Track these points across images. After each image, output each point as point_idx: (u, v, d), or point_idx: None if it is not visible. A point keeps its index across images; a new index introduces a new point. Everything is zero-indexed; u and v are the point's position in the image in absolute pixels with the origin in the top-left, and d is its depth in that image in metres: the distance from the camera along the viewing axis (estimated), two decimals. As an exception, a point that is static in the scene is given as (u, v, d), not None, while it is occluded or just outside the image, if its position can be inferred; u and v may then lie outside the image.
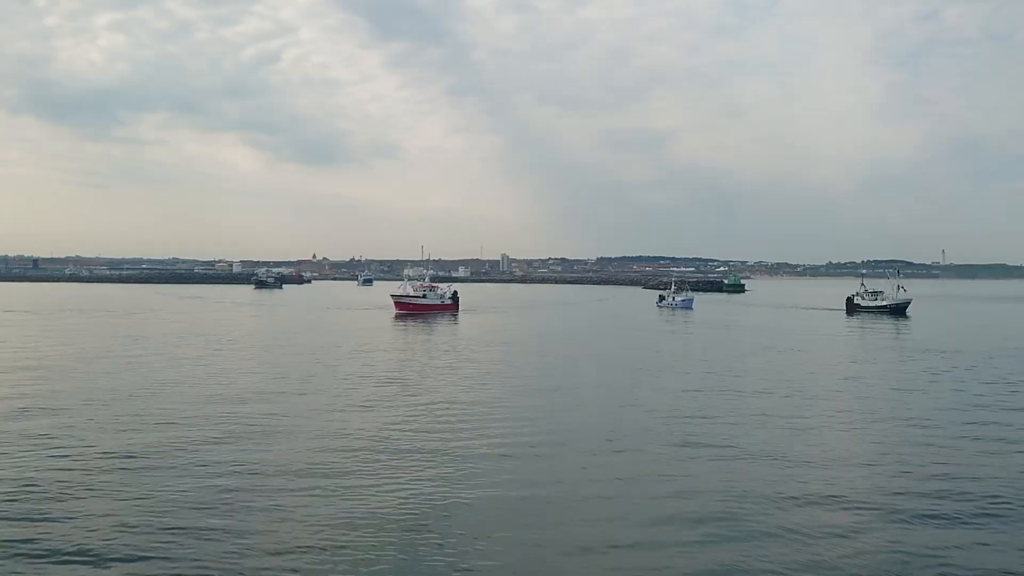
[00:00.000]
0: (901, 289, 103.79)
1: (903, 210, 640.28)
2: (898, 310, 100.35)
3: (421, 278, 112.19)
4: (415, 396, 34.37)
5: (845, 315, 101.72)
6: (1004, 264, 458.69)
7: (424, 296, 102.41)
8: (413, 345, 61.46)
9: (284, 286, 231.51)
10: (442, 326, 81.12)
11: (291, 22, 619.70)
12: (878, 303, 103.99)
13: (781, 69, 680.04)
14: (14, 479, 20.10)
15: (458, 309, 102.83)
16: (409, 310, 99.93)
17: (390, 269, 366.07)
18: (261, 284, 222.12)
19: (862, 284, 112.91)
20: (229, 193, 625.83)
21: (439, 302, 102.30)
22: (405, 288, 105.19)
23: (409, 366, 46.15)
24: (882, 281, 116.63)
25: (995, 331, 76.19)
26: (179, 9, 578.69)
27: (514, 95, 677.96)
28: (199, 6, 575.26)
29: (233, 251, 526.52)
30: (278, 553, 15.29)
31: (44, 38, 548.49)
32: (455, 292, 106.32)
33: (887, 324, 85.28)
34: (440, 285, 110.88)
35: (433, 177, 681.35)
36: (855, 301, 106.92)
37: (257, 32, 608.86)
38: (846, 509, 18.36)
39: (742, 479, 20.75)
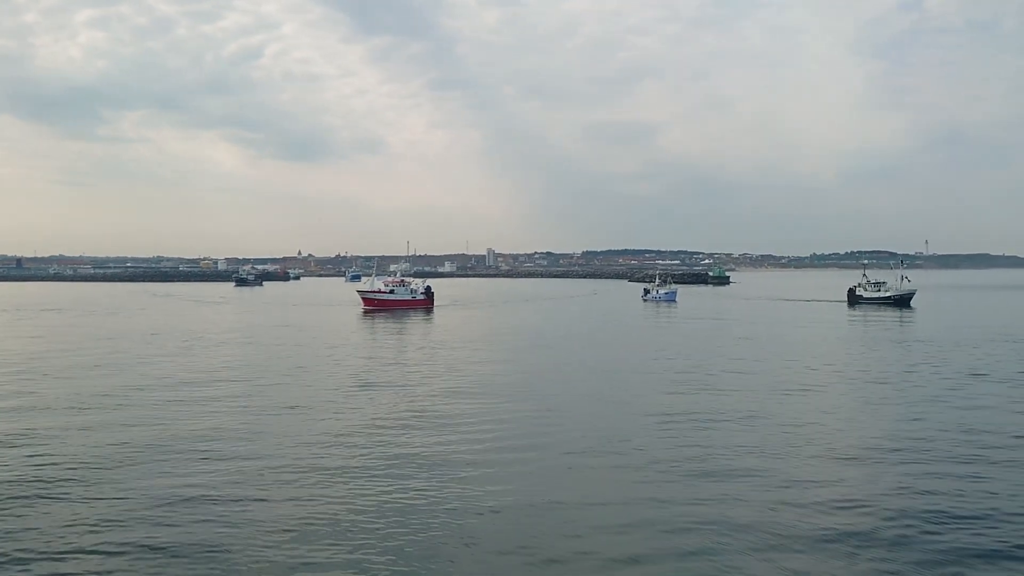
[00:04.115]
0: (905, 279, 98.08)
1: (886, 201, 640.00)
2: (902, 301, 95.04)
3: (395, 273, 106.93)
4: (367, 399, 29.94)
5: (847, 307, 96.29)
6: (987, 254, 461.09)
7: (392, 291, 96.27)
8: (365, 346, 55.01)
9: (265, 283, 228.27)
10: (412, 323, 74.56)
11: (272, 17, 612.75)
12: (881, 294, 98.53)
13: (766, 60, 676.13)
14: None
15: (432, 304, 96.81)
16: (376, 306, 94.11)
17: (376, 265, 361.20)
18: (242, 282, 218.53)
19: (864, 275, 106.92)
20: (213, 190, 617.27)
21: (409, 297, 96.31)
22: (373, 283, 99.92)
23: (359, 368, 39.92)
24: (884, 271, 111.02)
25: (1007, 321, 71.45)
26: (159, 5, 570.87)
27: (498, 89, 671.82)
28: (179, 2, 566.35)
29: (218, 249, 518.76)
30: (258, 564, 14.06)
31: (22, 35, 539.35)
32: (428, 287, 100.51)
33: (893, 316, 79.69)
34: (413, 280, 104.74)
35: (417, 172, 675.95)
36: (857, 292, 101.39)
37: (238, 28, 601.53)
38: None
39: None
